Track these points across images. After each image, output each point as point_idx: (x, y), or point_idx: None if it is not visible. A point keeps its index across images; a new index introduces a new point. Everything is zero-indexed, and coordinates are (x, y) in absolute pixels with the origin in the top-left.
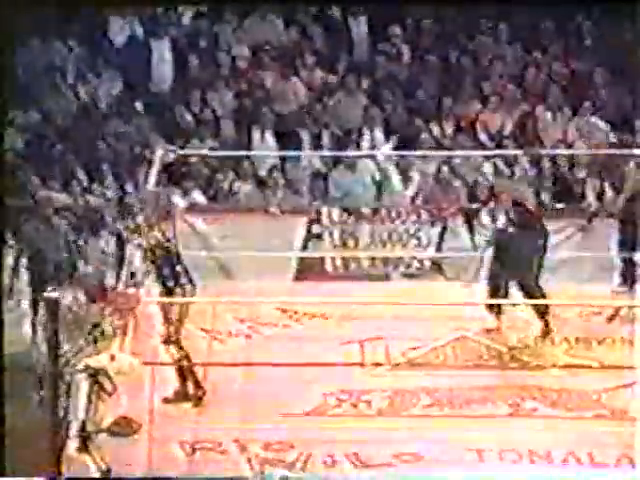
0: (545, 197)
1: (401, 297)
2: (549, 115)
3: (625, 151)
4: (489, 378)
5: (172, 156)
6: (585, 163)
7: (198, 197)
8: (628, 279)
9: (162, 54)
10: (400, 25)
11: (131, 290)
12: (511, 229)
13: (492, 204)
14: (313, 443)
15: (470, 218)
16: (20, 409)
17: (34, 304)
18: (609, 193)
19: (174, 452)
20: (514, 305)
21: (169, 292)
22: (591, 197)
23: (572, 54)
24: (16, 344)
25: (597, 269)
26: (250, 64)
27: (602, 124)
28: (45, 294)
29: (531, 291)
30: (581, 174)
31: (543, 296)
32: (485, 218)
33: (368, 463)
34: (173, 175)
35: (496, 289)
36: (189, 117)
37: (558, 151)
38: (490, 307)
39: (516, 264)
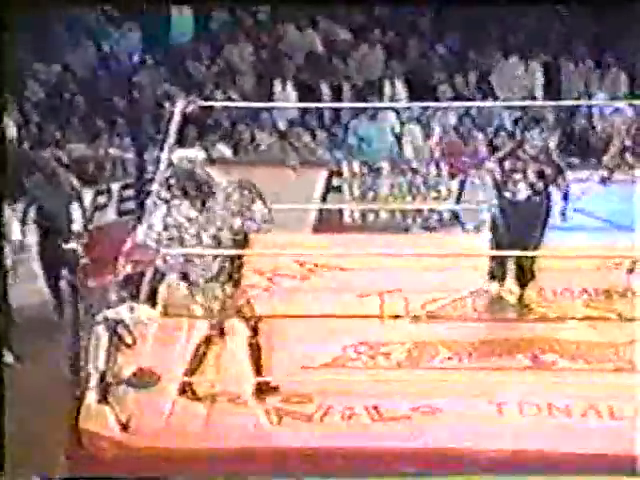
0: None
1: (420, 249)
2: (571, 67)
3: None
4: (508, 331)
5: (192, 107)
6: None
7: (223, 149)
8: None
9: (181, 7)
10: None
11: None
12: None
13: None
14: (332, 395)
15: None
16: (34, 362)
17: (42, 257)
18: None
19: (193, 404)
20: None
21: None
22: (612, 151)
23: (594, 6)
24: (30, 296)
25: (615, 221)
26: (270, 17)
27: (624, 77)
28: (64, 245)
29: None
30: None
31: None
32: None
33: (387, 416)
34: (195, 127)
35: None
36: (209, 70)
37: (580, 102)
38: (492, 277)
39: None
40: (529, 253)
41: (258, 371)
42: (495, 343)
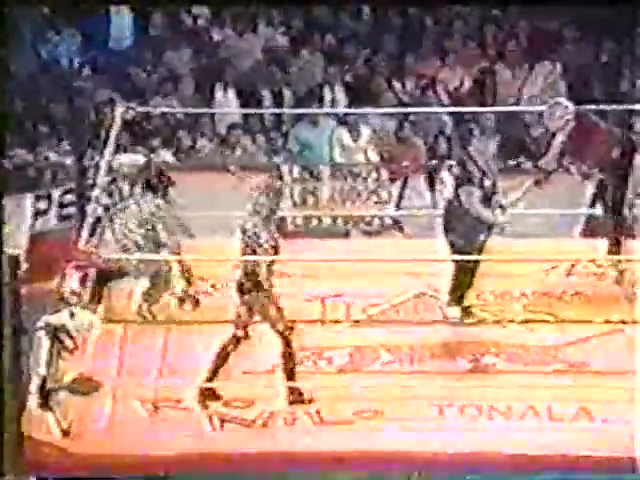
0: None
1: (361, 254)
2: (508, 72)
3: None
4: (449, 334)
5: (132, 113)
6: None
7: (164, 154)
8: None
9: (121, 14)
10: None
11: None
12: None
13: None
14: (274, 400)
15: (431, 175)
16: None
17: None
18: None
19: (136, 409)
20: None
21: None
22: (550, 154)
23: (531, 11)
24: None
25: (555, 224)
26: (210, 22)
27: (560, 82)
28: (6, 251)
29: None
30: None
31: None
32: (445, 175)
33: (329, 420)
34: (134, 133)
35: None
36: (149, 75)
37: (514, 108)
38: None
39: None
40: (469, 257)
41: (291, 378)
42: (436, 346)
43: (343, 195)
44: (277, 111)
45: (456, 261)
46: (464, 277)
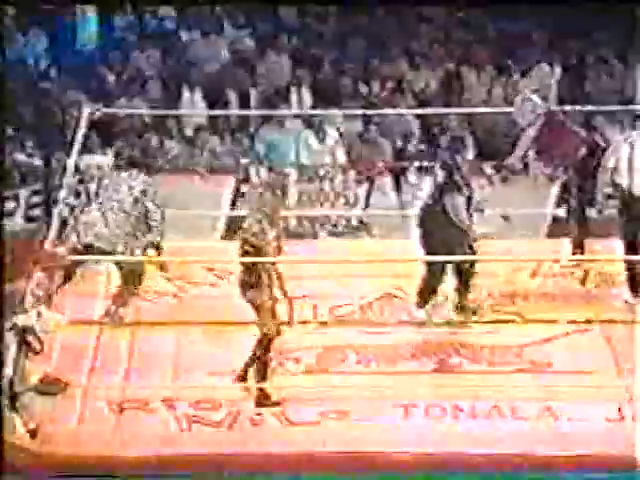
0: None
1: (329, 255)
2: (473, 75)
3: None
4: (415, 335)
5: (99, 114)
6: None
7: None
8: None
9: (87, 15)
10: None
11: (59, 249)
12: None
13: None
14: (241, 401)
15: (397, 177)
16: None
17: None
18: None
19: (103, 411)
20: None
21: None
22: (515, 154)
23: (498, 14)
24: None
25: (520, 225)
26: (177, 24)
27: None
28: None
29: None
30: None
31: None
32: (412, 177)
33: (296, 421)
34: (101, 134)
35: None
36: (116, 76)
37: (481, 110)
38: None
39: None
40: (435, 258)
41: (262, 380)
42: (402, 347)
43: (310, 196)
44: (243, 113)
45: (428, 264)
46: (433, 280)
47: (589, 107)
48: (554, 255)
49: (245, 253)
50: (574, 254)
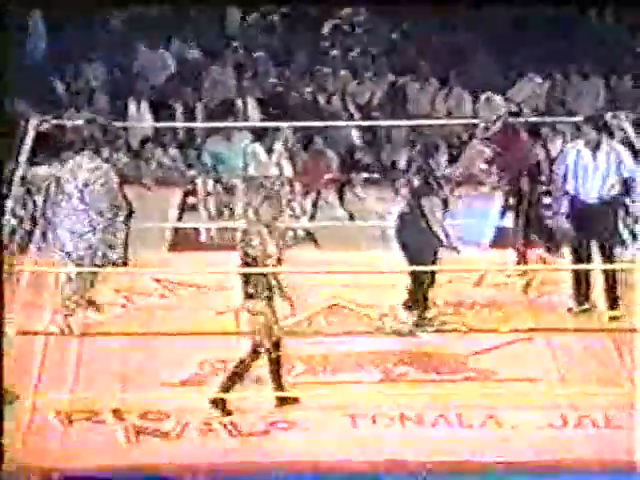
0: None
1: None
2: (417, 86)
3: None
4: (362, 344)
5: (46, 125)
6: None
7: None
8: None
9: (36, 25)
10: None
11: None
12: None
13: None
14: (189, 412)
15: (343, 188)
16: None
17: None
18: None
19: (51, 422)
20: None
21: None
22: (460, 163)
23: (441, 26)
24: None
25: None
26: (124, 36)
27: (467, 96)
28: None
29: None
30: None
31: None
32: (359, 188)
33: (244, 431)
34: (48, 145)
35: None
36: (63, 88)
37: (423, 121)
38: (409, 307)
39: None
40: (382, 271)
41: (279, 385)
42: (349, 356)
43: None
44: (190, 125)
45: (412, 273)
46: (420, 288)
47: (533, 118)
48: (499, 265)
49: (245, 264)
50: (518, 263)
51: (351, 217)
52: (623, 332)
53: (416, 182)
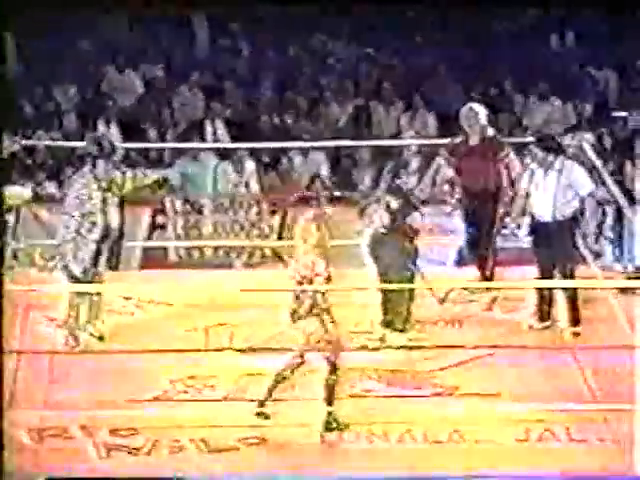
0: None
1: (244, 285)
2: (382, 109)
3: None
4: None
5: (16, 147)
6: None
7: (50, 187)
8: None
9: (6, 44)
10: (240, 22)
11: None
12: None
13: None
14: (160, 429)
15: (311, 207)
16: None
17: None
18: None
19: (22, 438)
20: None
21: None
22: (423, 183)
23: (405, 50)
24: None
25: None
26: (94, 59)
27: (431, 118)
28: None
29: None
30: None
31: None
32: (326, 207)
33: (214, 447)
34: (19, 166)
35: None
36: (34, 109)
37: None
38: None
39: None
40: (348, 287)
41: (330, 404)
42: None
43: (225, 228)
44: (158, 146)
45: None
46: (397, 304)
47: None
48: (462, 282)
49: (297, 284)
50: (482, 281)
51: None
52: (585, 349)
53: (394, 203)
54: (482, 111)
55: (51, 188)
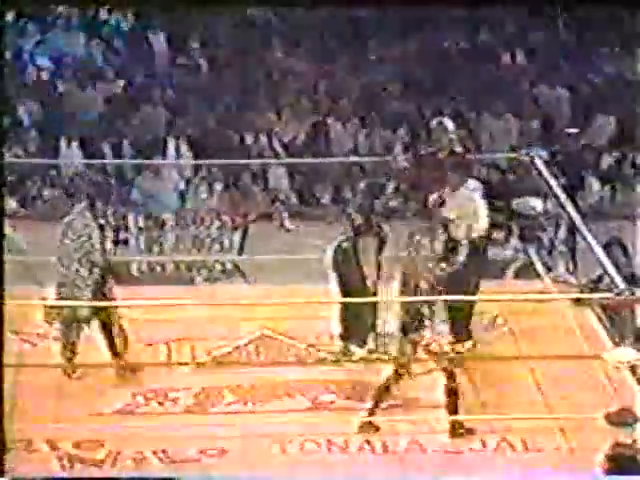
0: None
1: (205, 299)
2: (339, 126)
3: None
4: (289, 374)
5: None
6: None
7: (11, 204)
8: None
9: None
10: (198, 39)
11: None
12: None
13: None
14: (122, 441)
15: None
16: None
17: None
18: None
19: None
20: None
21: None
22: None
23: (361, 67)
24: None
25: None
26: (53, 75)
27: (389, 134)
28: None
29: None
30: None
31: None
32: (288, 222)
33: (176, 459)
34: None
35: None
36: None
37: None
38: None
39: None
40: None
41: (454, 413)
42: (277, 386)
43: (187, 243)
44: (120, 162)
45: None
46: (359, 318)
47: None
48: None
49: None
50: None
51: None
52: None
53: (358, 219)
54: (451, 125)
55: (13, 204)
